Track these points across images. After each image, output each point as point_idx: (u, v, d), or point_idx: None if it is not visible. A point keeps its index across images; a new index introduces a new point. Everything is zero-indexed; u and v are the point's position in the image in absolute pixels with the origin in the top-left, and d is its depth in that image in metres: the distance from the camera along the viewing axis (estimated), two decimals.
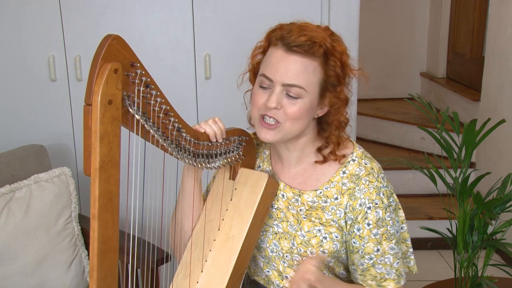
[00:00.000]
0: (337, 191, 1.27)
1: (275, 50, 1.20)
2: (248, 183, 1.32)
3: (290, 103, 1.19)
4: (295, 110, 1.19)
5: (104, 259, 0.97)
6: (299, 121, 1.21)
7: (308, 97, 1.19)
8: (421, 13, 4.38)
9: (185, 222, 1.36)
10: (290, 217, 1.31)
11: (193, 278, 1.26)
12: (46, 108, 2.33)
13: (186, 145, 1.16)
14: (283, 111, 1.19)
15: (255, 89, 1.25)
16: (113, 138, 0.94)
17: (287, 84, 1.18)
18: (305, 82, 1.18)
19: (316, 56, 1.17)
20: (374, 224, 1.23)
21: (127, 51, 0.96)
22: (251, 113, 1.27)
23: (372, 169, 1.26)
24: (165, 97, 1.06)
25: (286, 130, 1.21)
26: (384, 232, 1.24)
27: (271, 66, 1.20)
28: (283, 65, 1.18)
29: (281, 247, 1.31)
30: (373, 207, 1.23)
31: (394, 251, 1.25)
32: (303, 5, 2.31)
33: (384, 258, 1.24)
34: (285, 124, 1.20)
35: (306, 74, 1.18)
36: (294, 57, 1.17)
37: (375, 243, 1.24)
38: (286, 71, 1.17)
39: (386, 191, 1.25)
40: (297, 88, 1.18)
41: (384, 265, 1.25)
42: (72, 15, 2.25)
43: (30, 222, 1.89)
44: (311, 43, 1.16)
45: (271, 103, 1.18)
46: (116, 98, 0.94)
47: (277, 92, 1.18)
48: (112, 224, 0.97)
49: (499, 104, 3.12)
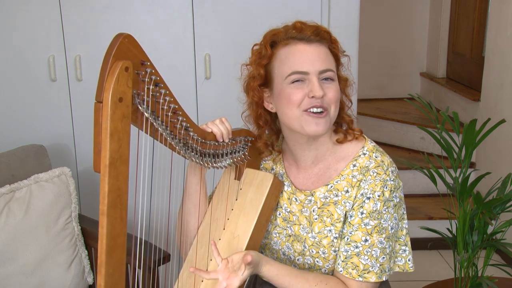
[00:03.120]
0: (347, 184, 1.27)
1: (293, 47, 1.24)
2: (254, 183, 1.33)
3: (328, 87, 1.23)
4: (335, 92, 1.24)
5: (112, 255, 0.98)
6: (338, 104, 1.26)
7: (336, 79, 1.26)
8: (421, 13, 4.38)
9: (190, 221, 1.37)
10: (303, 220, 1.32)
11: (198, 276, 1.27)
12: (46, 108, 2.33)
13: (194, 144, 1.17)
14: (326, 97, 1.22)
15: (285, 89, 1.23)
16: (123, 135, 0.95)
17: (322, 71, 1.22)
18: (332, 65, 1.26)
19: (326, 42, 1.26)
20: (368, 215, 1.23)
21: (138, 50, 0.97)
22: (289, 113, 1.24)
23: (383, 161, 1.27)
24: (173, 96, 1.07)
25: (331, 116, 1.25)
26: (377, 225, 1.24)
27: (299, 60, 1.22)
28: (311, 55, 1.23)
29: (294, 249, 1.32)
30: (372, 198, 1.23)
31: (382, 245, 1.25)
32: (303, 5, 2.31)
33: (371, 250, 1.24)
34: (331, 110, 1.24)
35: (329, 58, 1.25)
36: (316, 45, 1.24)
37: (364, 233, 1.24)
38: (317, 59, 1.23)
39: (392, 185, 1.25)
40: (330, 72, 1.24)
41: (370, 257, 1.24)
42: (72, 15, 2.25)
43: (30, 222, 1.89)
44: (319, 31, 1.25)
45: (318, 92, 1.20)
46: (126, 95, 0.95)
47: (317, 81, 1.21)
48: (121, 221, 0.98)
49: (499, 104, 3.12)
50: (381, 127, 3.94)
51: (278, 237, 1.35)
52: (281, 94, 1.25)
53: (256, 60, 1.28)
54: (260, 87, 1.29)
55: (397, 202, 1.27)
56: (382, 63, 4.40)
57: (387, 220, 1.25)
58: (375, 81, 4.38)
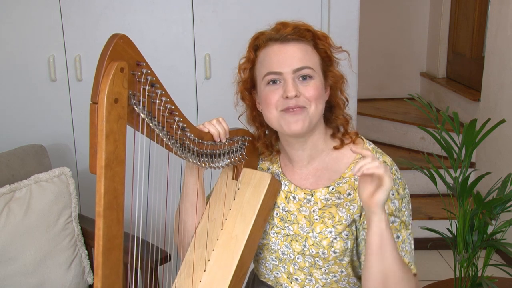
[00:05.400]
0: (349, 187, 1.27)
1: (269, 48, 1.24)
2: (251, 183, 1.33)
3: (306, 86, 1.22)
4: (313, 90, 1.22)
5: (109, 256, 0.97)
6: (320, 101, 1.24)
7: (317, 76, 1.23)
8: (421, 13, 4.38)
9: (187, 221, 1.37)
10: (301, 219, 1.31)
11: (196, 277, 1.27)
12: (46, 108, 2.33)
13: (190, 144, 1.17)
14: (303, 96, 1.21)
15: (263, 91, 1.25)
16: (119, 136, 0.94)
17: (297, 69, 1.21)
18: (311, 63, 1.23)
19: (307, 40, 1.24)
20: (391, 213, 1.23)
21: (133, 50, 0.96)
22: (268, 115, 1.26)
23: (385, 162, 1.26)
24: (170, 96, 1.07)
25: (312, 115, 1.23)
26: (403, 221, 1.24)
27: (274, 61, 1.22)
28: (285, 54, 1.22)
29: (293, 249, 1.32)
30: (389, 198, 1.22)
31: (409, 240, 1.25)
32: (303, 5, 2.31)
33: (405, 245, 1.24)
34: (310, 109, 1.22)
35: (308, 55, 1.23)
36: (292, 44, 1.23)
37: (394, 230, 1.23)
38: (291, 58, 1.21)
39: (401, 182, 1.26)
40: (307, 69, 1.22)
41: (406, 252, 1.24)
42: (72, 15, 2.25)
43: (30, 222, 1.89)
44: (298, 29, 1.23)
45: (290, 92, 1.20)
46: (122, 96, 0.94)
47: (291, 81, 1.20)
48: (117, 222, 0.97)
49: (499, 104, 3.12)
50: (381, 127, 3.94)
51: (276, 237, 1.35)
52: (261, 96, 1.27)
53: (243, 64, 1.31)
54: (249, 91, 1.32)
55: (408, 198, 1.28)
56: (382, 63, 4.40)
57: (406, 216, 1.25)
58: (375, 81, 4.38)
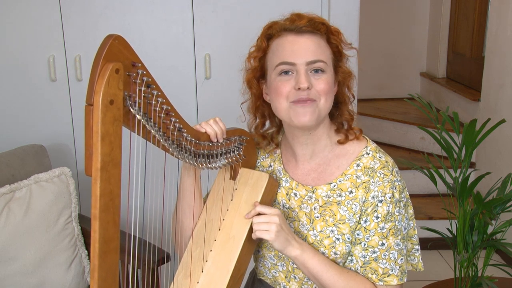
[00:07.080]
0: (351, 184, 1.27)
1: (284, 38, 1.24)
2: (249, 183, 1.32)
3: (318, 79, 1.21)
4: (325, 84, 1.22)
5: (105, 259, 0.97)
6: (330, 96, 1.24)
7: (329, 71, 1.24)
8: (421, 13, 4.38)
9: (185, 221, 1.36)
10: (302, 217, 1.31)
11: (194, 278, 1.27)
12: (46, 108, 2.33)
13: (187, 145, 1.16)
14: (314, 89, 1.21)
15: (274, 81, 1.24)
16: (115, 138, 0.94)
17: (310, 62, 1.21)
18: (324, 56, 1.23)
19: (321, 33, 1.24)
20: (383, 218, 1.23)
21: (129, 51, 0.96)
22: (278, 105, 1.25)
23: (387, 162, 1.26)
24: (166, 97, 1.06)
25: (321, 108, 1.22)
26: (392, 227, 1.24)
27: (288, 51, 1.22)
28: (300, 46, 1.22)
29: None
30: (384, 201, 1.23)
31: (399, 247, 1.25)
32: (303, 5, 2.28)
33: (389, 253, 1.24)
34: (320, 102, 1.22)
35: (321, 49, 1.23)
36: (307, 36, 1.23)
37: (381, 237, 1.23)
38: (305, 50, 1.21)
39: (399, 186, 1.25)
40: (320, 63, 1.22)
41: (389, 261, 1.24)
42: (72, 15, 2.25)
43: (30, 222, 1.89)
44: (313, 22, 1.23)
45: (303, 83, 1.19)
46: (117, 98, 0.93)
47: (303, 72, 1.20)
48: (113, 225, 0.97)
49: (499, 104, 3.12)
50: (381, 127, 3.94)
51: None
52: (271, 86, 1.26)
53: (253, 52, 1.30)
54: (257, 80, 1.30)
55: (406, 202, 1.28)
56: (382, 63, 4.40)
57: (400, 221, 1.25)
58: (375, 81, 4.38)
